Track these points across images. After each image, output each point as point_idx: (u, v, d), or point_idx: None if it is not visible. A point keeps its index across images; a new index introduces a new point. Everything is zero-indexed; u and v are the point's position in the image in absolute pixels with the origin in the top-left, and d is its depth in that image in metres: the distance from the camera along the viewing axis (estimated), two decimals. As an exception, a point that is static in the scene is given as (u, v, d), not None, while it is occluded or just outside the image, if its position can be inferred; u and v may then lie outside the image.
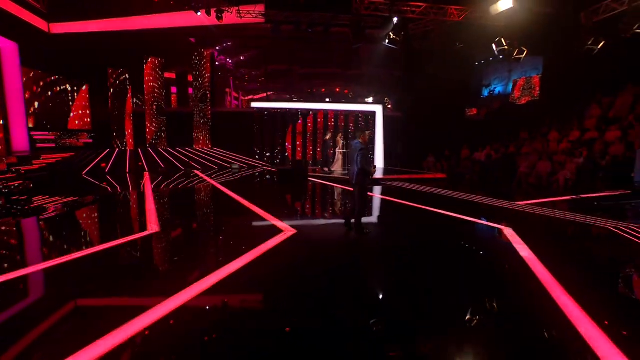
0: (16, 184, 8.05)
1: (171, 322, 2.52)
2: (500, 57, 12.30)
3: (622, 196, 8.25)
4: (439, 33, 13.28)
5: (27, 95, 11.92)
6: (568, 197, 8.27)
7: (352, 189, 5.06)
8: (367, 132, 5.25)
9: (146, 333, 2.36)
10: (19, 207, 6.60)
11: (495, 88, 21.07)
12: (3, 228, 5.51)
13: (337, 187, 10.07)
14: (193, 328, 2.48)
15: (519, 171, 11.43)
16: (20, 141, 11.68)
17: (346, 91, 26.47)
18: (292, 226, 5.24)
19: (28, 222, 5.95)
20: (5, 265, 3.89)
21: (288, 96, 24.97)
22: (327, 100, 22.42)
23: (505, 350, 2.33)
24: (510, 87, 19.91)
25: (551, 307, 2.77)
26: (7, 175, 8.60)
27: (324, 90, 26.41)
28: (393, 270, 3.86)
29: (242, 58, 24.81)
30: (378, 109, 17.48)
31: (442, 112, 16.11)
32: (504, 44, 11.08)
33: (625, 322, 2.63)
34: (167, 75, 17.66)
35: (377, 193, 8.95)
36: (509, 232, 5.02)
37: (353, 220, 5.00)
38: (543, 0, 10.66)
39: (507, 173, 11.65)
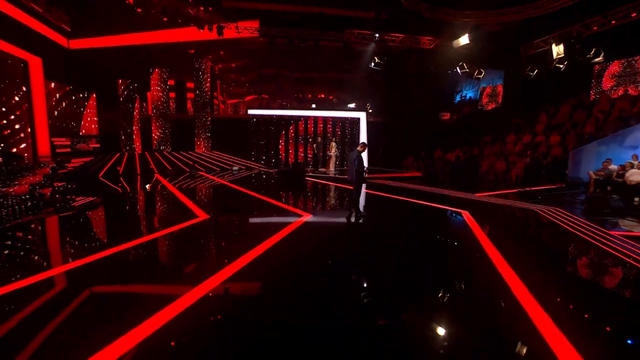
0: (61, 184, 9.44)
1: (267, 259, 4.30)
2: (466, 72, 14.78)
3: (558, 189, 10.57)
4: (416, 57, 15.63)
5: (52, 105, 13.14)
6: (515, 190, 10.48)
7: (350, 186, 6.93)
8: (366, 144, 7.12)
9: (245, 268, 4.13)
10: (70, 205, 8.02)
11: (466, 94, 23.43)
12: (88, 219, 7.02)
13: (330, 184, 11.97)
14: (284, 259, 4.28)
15: (481, 170, 13.69)
16: (43, 147, 12.89)
17: (330, 97, 28.44)
18: (307, 212, 7.08)
19: (91, 215, 7.45)
20: (109, 243, 5.52)
21: (279, 101, 26.72)
22: (313, 106, 24.24)
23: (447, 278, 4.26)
24: (479, 94, 22.31)
25: (486, 259, 4.75)
26: (54, 178, 9.95)
27: (310, 96, 28.29)
28: (381, 235, 5.76)
29: (232, 65, 26.33)
30: (362, 115, 19.47)
31: (419, 116, 18.32)
32: (466, 68, 13.43)
33: (538, 268, 4.62)
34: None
35: (364, 189, 10.87)
36: (465, 214, 7.05)
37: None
38: (493, 36, 13.21)
39: (472, 172, 13.88)
